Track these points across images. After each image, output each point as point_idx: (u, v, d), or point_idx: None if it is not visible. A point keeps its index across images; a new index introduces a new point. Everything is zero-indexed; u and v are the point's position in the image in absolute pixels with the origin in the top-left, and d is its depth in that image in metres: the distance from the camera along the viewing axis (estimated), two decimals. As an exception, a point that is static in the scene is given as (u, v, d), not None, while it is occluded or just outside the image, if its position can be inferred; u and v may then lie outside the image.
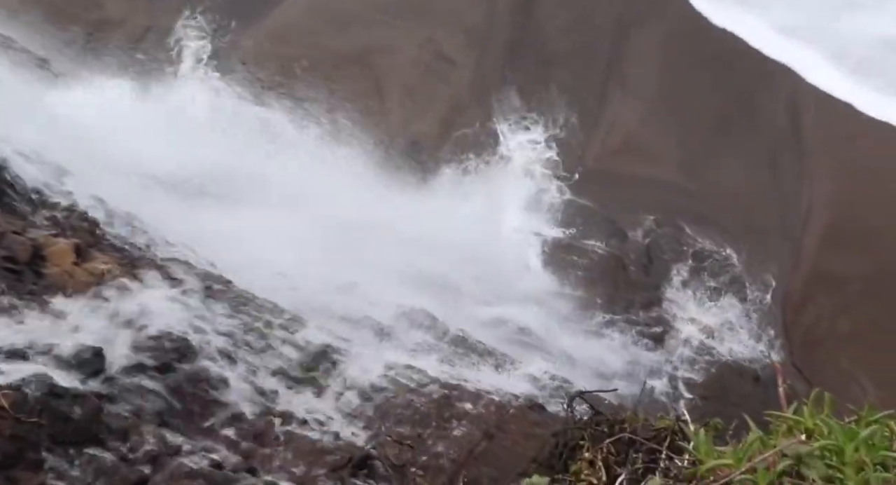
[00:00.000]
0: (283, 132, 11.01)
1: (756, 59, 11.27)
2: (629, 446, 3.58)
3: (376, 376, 5.18)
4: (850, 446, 2.41)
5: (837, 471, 2.37)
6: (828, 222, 9.41)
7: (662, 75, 11.41)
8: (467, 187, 10.90)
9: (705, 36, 11.67)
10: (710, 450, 2.67)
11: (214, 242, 7.19)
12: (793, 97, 10.66)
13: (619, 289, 9.49)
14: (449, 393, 4.90)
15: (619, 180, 10.75)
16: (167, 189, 8.25)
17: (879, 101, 10.41)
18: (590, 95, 11.52)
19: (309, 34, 12.62)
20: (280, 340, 5.51)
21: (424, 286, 8.22)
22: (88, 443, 3.72)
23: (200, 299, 5.36)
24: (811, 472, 2.38)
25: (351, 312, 6.81)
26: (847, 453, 2.39)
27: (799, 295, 8.99)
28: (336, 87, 12.06)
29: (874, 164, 9.79)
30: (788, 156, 10.24)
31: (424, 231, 9.55)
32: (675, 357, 8.72)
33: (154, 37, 13.33)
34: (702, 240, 9.88)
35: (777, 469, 2.38)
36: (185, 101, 11.46)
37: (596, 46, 11.89)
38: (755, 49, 11.32)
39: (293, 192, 9.42)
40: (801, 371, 8.40)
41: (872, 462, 2.35)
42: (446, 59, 12.24)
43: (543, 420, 4.62)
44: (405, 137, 11.55)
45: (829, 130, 10.18)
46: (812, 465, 2.40)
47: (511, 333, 8.18)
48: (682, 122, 10.92)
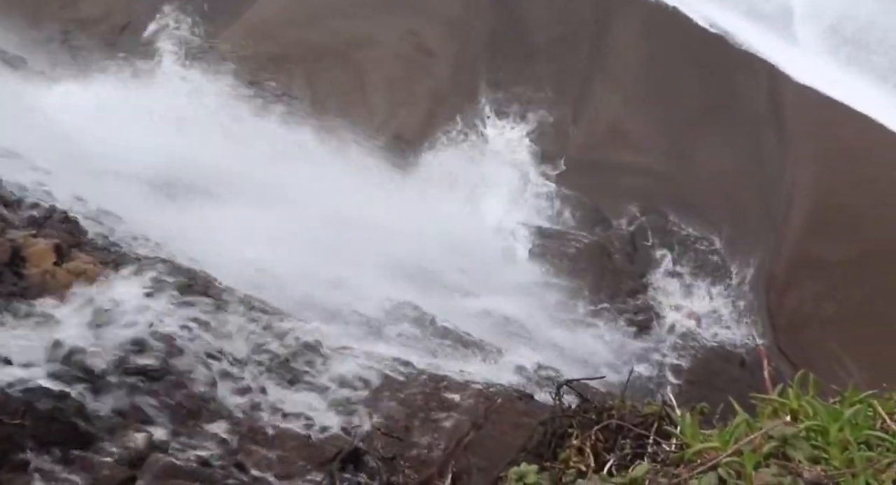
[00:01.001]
0: (265, 128, 10.95)
1: (735, 45, 11.31)
2: (617, 433, 3.60)
3: (364, 369, 5.17)
4: (834, 426, 2.43)
5: (823, 451, 2.39)
6: (810, 207, 9.49)
7: (644, 63, 11.44)
8: (451, 179, 10.88)
9: (686, 23, 11.70)
10: (696, 434, 2.69)
11: (198, 239, 7.15)
12: (773, 83, 10.72)
13: (605, 277, 9.52)
14: (436, 385, 4.91)
15: (603, 169, 10.78)
16: (149, 187, 8.19)
17: (859, 88, 10.48)
18: (572, 85, 11.53)
19: (289, 29, 12.54)
20: (266, 335, 5.49)
21: (410, 279, 8.21)
22: (74, 443, 3.69)
23: (184, 297, 5.32)
24: (797, 453, 2.39)
25: (337, 307, 6.79)
26: (832, 433, 2.42)
27: (783, 279, 9.06)
28: (317, 81, 12.00)
29: (856, 148, 9.87)
30: (771, 141, 10.30)
31: (409, 224, 9.54)
32: (661, 344, 8.78)
33: (132, 34, 13.21)
34: (686, 227, 9.93)
35: (763, 451, 2.39)
36: (166, 97, 11.37)
37: (578, 36, 11.90)
38: (733, 35, 11.37)
39: (276, 187, 9.37)
40: (786, 354, 8.48)
41: (856, 441, 2.37)
42: (428, 52, 12.20)
43: (531, 409, 4.63)
44: (388, 130, 11.52)
45: (810, 115, 10.24)
46: (798, 446, 2.42)
47: (498, 323, 8.19)
48: (665, 109, 10.97)
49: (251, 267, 7.00)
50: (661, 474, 2.57)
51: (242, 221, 8.20)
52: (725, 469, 2.35)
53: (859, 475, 2.17)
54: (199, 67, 12.19)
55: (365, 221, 9.23)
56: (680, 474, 2.47)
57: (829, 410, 2.51)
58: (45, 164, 7.11)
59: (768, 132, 10.36)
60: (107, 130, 9.27)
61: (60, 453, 3.56)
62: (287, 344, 5.46)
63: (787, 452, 2.39)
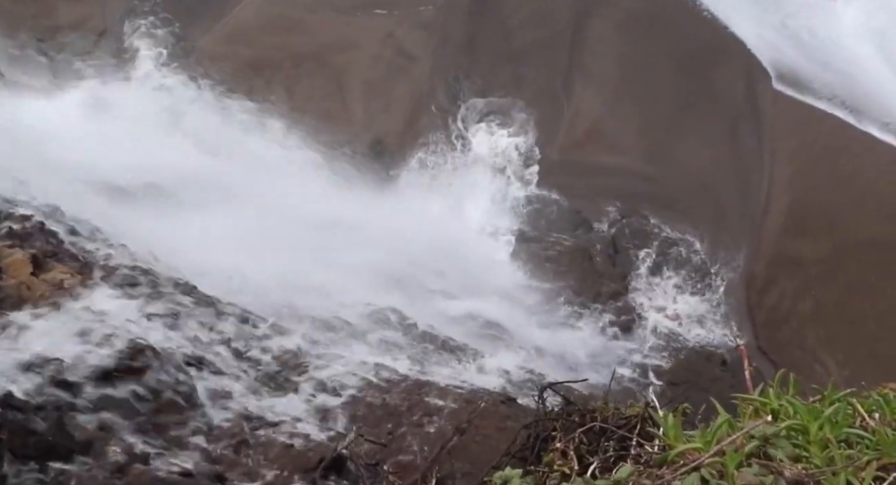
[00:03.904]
0: (245, 134, 10.90)
1: (713, 42, 11.39)
2: (601, 435, 3.60)
3: (346, 375, 5.15)
4: (814, 424, 2.45)
5: (803, 450, 2.41)
6: (788, 206, 9.56)
7: (623, 65, 11.49)
8: (432, 183, 10.89)
9: (663, 22, 11.77)
10: (678, 435, 2.70)
11: (177, 247, 7.09)
12: (750, 82, 10.81)
13: (587, 280, 9.55)
14: (420, 390, 4.89)
15: (584, 171, 10.81)
16: (127, 195, 8.11)
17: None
18: (552, 87, 11.56)
19: (266, 34, 12.50)
20: (247, 343, 5.46)
21: (392, 284, 8.20)
22: (52, 456, 3.64)
23: (164, 306, 5.28)
24: (778, 452, 2.41)
25: (319, 313, 6.76)
26: (812, 431, 2.43)
27: (762, 278, 9.13)
28: (297, 86, 11.96)
29: (831, 147, 9.97)
30: (749, 140, 10.38)
31: (391, 229, 9.53)
32: (643, 345, 8.81)
33: (108, 41, 13.10)
34: (666, 227, 9.98)
35: (745, 451, 2.40)
36: (143, 105, 11.29)
37: (556, 39, 11.93)
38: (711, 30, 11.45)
39: (257, 194, 9.33)
40: (767, 353, 8.54)
41: (836, 439, 2.38)
42: (408, 55, 12.19)
43: (515, 413, 4.63)
44: (369, 135, 11.50)
45: (787, 114, 10.34)
46: (779, 445, 2.43)
47: (480, 327, 8.19)
48: (644, 110, 11.03)
49: (231, 274, 6.95)
50: (645, 475, 2.57)
51: (223, 228, 8.15)
52: (708, 470, 2.36)
53: (840, 473, 2.18)
54: (177, 74, 12.12)
55: (346, 225, 9.20)
56: (663, 475, 2.47)
57: (809, 409, 2.53)
58: (21, 173, 7.03)
59: (746, 131, 10.44)
60: (84, 138, 9.20)
61: (38, 467, 3.50)
62: (269, 351, 5.43)
63: (768, 451, 2.40)
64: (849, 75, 10.73)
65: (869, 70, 10.85)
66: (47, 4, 12.94)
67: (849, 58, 11.08)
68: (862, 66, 10.90)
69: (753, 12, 11.74)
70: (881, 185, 9.33)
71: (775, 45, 11.21)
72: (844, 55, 11.13)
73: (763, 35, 11.33)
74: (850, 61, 11.01)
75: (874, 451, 2.27)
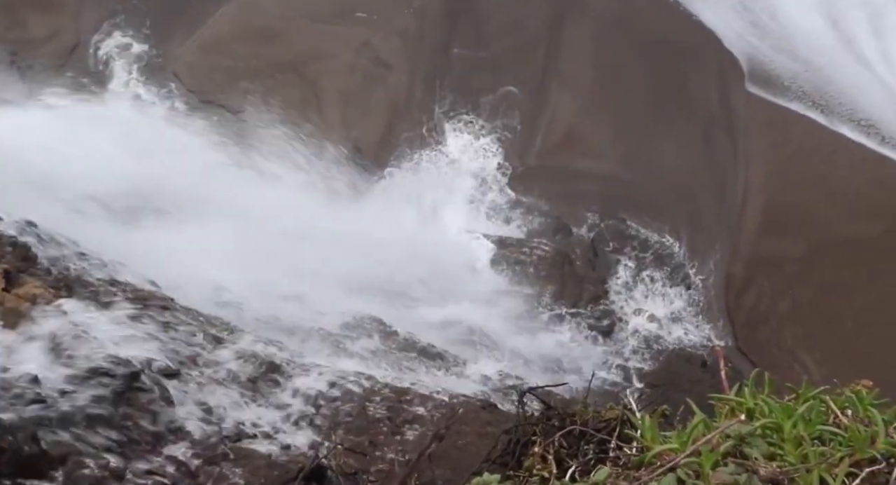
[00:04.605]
0: (221, 144, 10.84)
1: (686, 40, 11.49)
2: (580, 439, 3.60)
3: (326, 384, 5.11)
4: (788, 422, 2.46)
5: (778, 448, 2.42)
6: (763, 206, 9.65)
7: (598, 67, 11.57)
8: (411, 191, 10.88)
9: (637, 26, 11.86)
10: (655, 436, 2.70)
11: (154, 259, 7.03)
12: (723, 83, 10.91)
13: (567, 284, 9.57)
14: (400, 397, 4.88)
15: (562, 176, 10.86)
16: (102, 209, 8.04)
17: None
18: (528, 93, 11.60)
19: (242, 44, 12.45)
20: (225, 354, 5.41)
21: (372, 292, 8.18)
22: (27, 474, 3.58)
23: (140, 319, 5.23)
24: (753, 450, 2.42)
25: (298, 322, 6.73)
26: (786, 429, 2.45)
27: (740, 279, 9.20)
28: (273, 96, 11.92)
29: (804, 147, 10.08)
30: (723, 141, 10.48)
31: (370, 237, 9.51)
32: (624, 348, 8.85)
33: (82, 54, 13.00)
34: (644, 230, 10.04)
35: (720, 450, 2.41)
36: (118, 117, 11.21)
37: (532, 44, 11.99)
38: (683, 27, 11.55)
39: (234, 205, 9.28)
40: (747, 354, 8.61)
41: (810, 437, 2.40)
42: (384, 64, 12.20)
43: (495, 419, 4.62)
44: (346, 143, 11.48)
45: (760, 115, 10.44)
46: (754, 443, 2.45)
47: (461, 333, 8.19)
48: (620, 113, 11.10)
49: (209, 286, 6.90)
50: (622, 477, 2.58)
51: (199, 239, 8.09)
52: (684, 470, 2.36)
53: (813, 470, 2.20)
54: (152, 86, 12.05)
55: (324, 235, 9.18)
56: (640, 476, 2.48)
57: (783, 407, 2.54)
58: (-7, 188, 6.95)
59: (720, 133, 10.54)
60: (57, 151, 9.10)
61: (10, 484, 3.45)
62: (247, 362, 5.39)
63: (743, 450, 2.42)
64: (816, 68, 10.87)
65: (834, 60, 11.00)
66: (19, 18, 12.82)
67: (811, 43, 11.22)
68: (826, 55, 11.05)
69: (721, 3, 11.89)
70: (854, 184, 9.45)
71: (742, 35, 11.34)
72: (806, 40, 11.26)
73: (732, 25, 11.46)
74: (812, 48, 11.15)
75: (847, 447, 2.29)
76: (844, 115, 10.21)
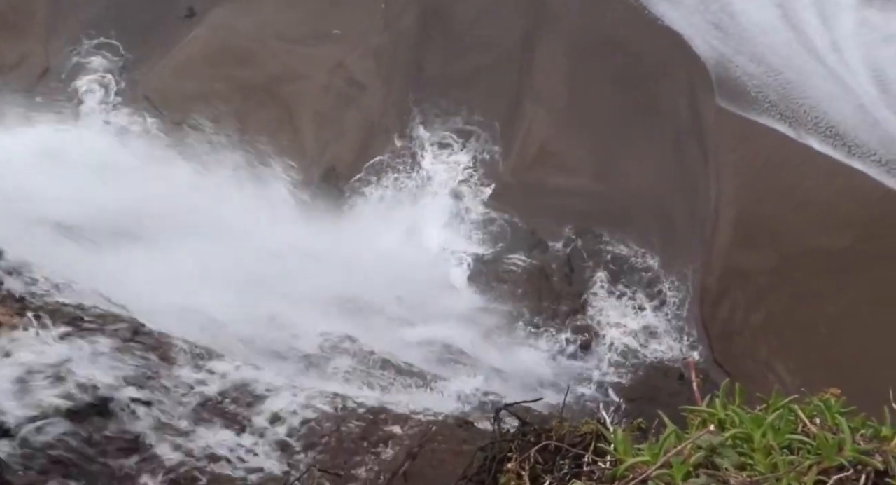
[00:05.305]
0: (194, 167, 10.79)
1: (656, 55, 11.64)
2: (555, 454, 3.59)
3: (301, 406, 5.06)
4: (758, 432, 2.47)
5: (748, 458, 2.43)
6: (735, 218, 9.75)
7: (571, 82, 11.66)
8: (387, 210, 10.88)
9: (608, 41, 12.00)
10: (628, 449, 2.70)
11: (126, 284, 6.95)
12: (693, 96, 11.04)
13: (544, 300, 9.59)
14: (375, 417, 4.84)
15: (537, 191, 10.90)
16: (73, 234, 7.95)
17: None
18: (503, 111, 11.67)
19: (214, 67, 12.43)
20: (198, 378, 5.34)
21: (348, 312, 8.13)
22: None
23: (111, 344, 5.16)
24: (724, 461, 2.43)
25: (273, 344, 6.67)
26: (756, 439, 2.45)
27: (714, 291, 9.27)
28: (247, 118, 11.90)
29: (774, 159, 10.21)
30: (694, 155, 10.58)
31: (346, 257, 9.48)
32: (602, 362, 8.86)
33: (53, 78, 12.91)
34: (619, 244, 10.09)
35: (691, 461, 2.42)
36: (89, 142, 11.13)
37: (505, 61, 12.08)
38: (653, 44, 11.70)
39: (208, 227, 9.22)
40: (723, 365, 8.65)
41: (780, 446, 2.41)
42: (357, 84, 12.23)
43: (472, 436, 4.59)
44: (321, 164, 11.47)
45: (730, 127, 10.57)
46: (725, 454, 2.45)
47: (438, 351, 8.16)
48: (593, 128, 11.18)
49: (181, 308, 6.83)
50: (595, 491, 2.57)
51: (173, 262, 8.02)
52: (655, 482, 2.36)
53: (783, 479, 2.20)
54: (123, 110, 11.98)
55: (301, 255, 9.13)
56: (612, 490, 2.47)
57: (752, 417, 2.55)
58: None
59: (691, 146, 10.65)
60: (27, 176, 9.01)
61: (-24, 518, 3.37)
62: (221, 386, 5.33)
63: (714, 460, 2.42)
64: (776, 71, 11.03)
65: (791, 59, 11.18)
66: (-13, 44, 12.73)
67: (769, 42, 11.40)
68: (783, 54, 11.22)
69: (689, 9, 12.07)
70: (822, 195, 9.58)
71: (707, 39, 11.51)
72: (764, 39, 11.44)
73: (698, 30, 11.63)
74: (771, 47, 11.32)
75: (815, 455, 2.30)
76: (810, 126, 10.36)
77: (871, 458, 2.26)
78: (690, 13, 11.94)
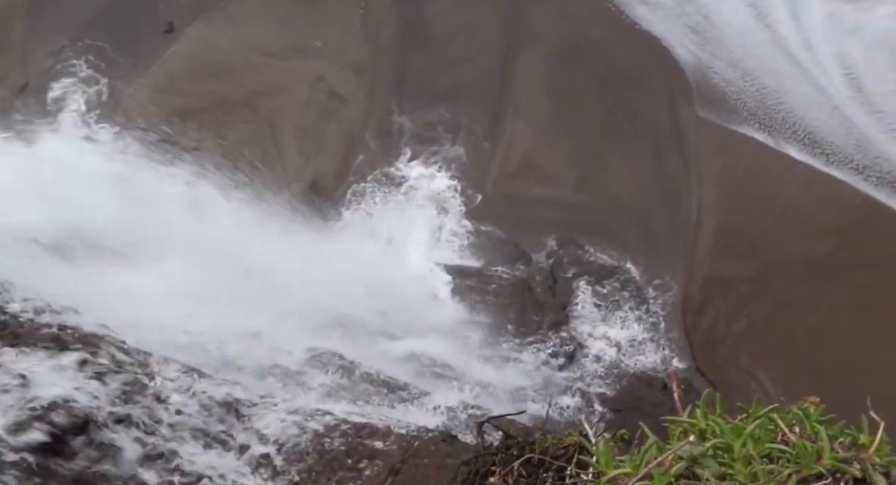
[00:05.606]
0: (175, 183, 10.73)
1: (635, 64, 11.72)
2: (539, 467, 3.59)
3: (284, 424, 5.02)
4: (738, 442, 2.48)
5: (729, 467, 2.44)
6: (716, 227, 9.81)
7: (552, 94, 11.72)
8: (370, 223, 10.87)
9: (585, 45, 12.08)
10: (609, 461, 2.70)
11: (105, 302, 6.89)
12: (673, 106, 11.12)
13: (528, 312, 9.59)
14: (359, 433, 4.81)
15: (520, 203, 10.93)
16: (50, 252, 7.87)
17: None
18: (484, 123, 11.71)
19: (194, 82, 12.40)
20: (180, 397, 5.29)
21: (332, 327, 8.10)
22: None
23: (89, 364, 5.10)
24: (705, 471, 2.43)
25: (256, 361, 6.62)
26: (736, 449, 2.46)
27: (696, 300, 9.30)
28: (227, 133, 11.87)
29: (753, 168, 10.30)
30: (675, 164, 10.65)
31: (329, 272, 9.45)
32: (586, 374, 8.86)
33: (31, 94, 12.84)
34: (602, 255, 10.12)
35: (672, 472, 2.42)
36: (68, 158, 11.04)
37: (486, 73, 12.13)
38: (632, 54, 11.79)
39: (190, 243, 9.16)
40: (706, 375, 8.68)
41: (759, 455, 2.42)
42: (339, 98, 12.23)
43: (455, 450, 4.58)
44: (303, 178, 11.45)
45: (710, 136, 10.65)
46: (705, 464, 2.46)
47: (423, 365, 8.14)
48: (574, 139, 11.24)
49: (162, 326, 6.77)
50: (577, 504, 2.57)
51: (154, 279, 7.95)
52: (637, 494, 2.36)
53: (762, 488, 2.21)
54: (104, 126, 11.92)
55: (283, 270, 9.09)
56: (594, 503, 2.47)
57: (732, 427, 2.56)
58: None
59: (672, 156, 10.71)
60: (6, 193, 8.92)
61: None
62: (203, 404, 5.28)
63: (695, 471, 2.43)
64: (753, 76, 11.14)
65: (765, 61, 11.30)
66: (-35, 61, 12.65)
67: (744, 44, 11.51)
68: (757, 56, 11.34)
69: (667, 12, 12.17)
70: (801, 204, 9.67)
71: (684, 43, 11.61)
72: (740, 41, 11.56)
73: (675, 35, 11.73)
74: (747, 50, 11.43)
75: (795, 464, 2.31)
76: (788, 134, 10.46)
77: (850, 466, 2.27)
78: (668, 17, 12.03)
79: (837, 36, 11.42)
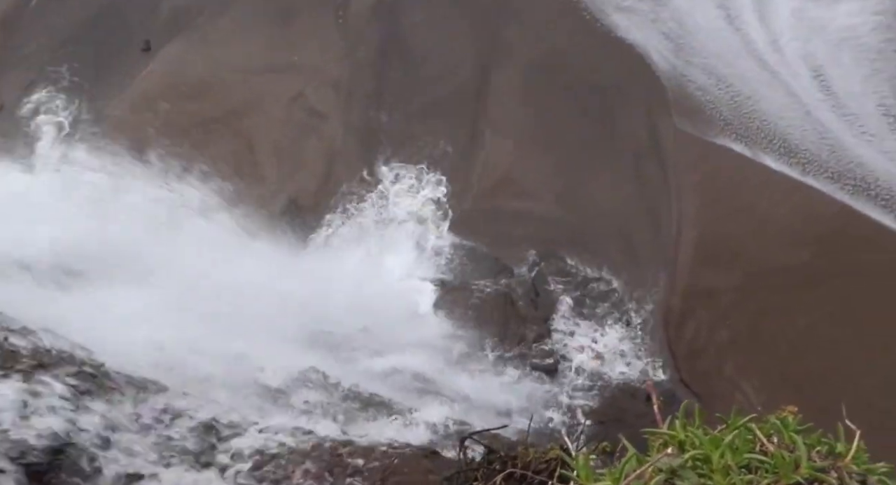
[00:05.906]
0: (154, 203, 10.67)
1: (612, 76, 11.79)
2: (521, 482, 3.58)
3: (265, 443, 4.98)
4: (716, 453, 2.48)
5: (708, 478, 2.43)
6: (696, 238, 9.85)
7: (529, 109, 11.77)
8: (350, 239, 10.84)
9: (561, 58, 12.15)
10: (589, 474, 2.70)
11: (84, 324, 6.80)
12: (652, 118, 11.19)
13: (510, 325, 9.58)
14: (341, 451, 4.77)
15: (500, 217, 10.94)
16: (29, 274, 7.78)
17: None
18: (463, 138, 11.73)
19: (172, 101, 12.37)
20: (160, 419, 5.23)
21: (313, 344, 8.05)
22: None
23: (69, 387, 5.03)
24: (684, 483, 2.43)
25: (237, 380, 6.57)
26: (714, 460, 2.46)
27: (678, 311, 9.33)
28: (207, 152, 11.83)
29: (733, 179, 10.37)
30: (654, 176, 10.70)
31: (310, 288, 9.40)
32: (569, 386, 8.86)
33: (8, 117, 12.76)
34: (583, 268, 10.14)
35: (651, 484, 2.42)
36: (46, 178, 10.97)
37: (464, 89, 12.17)
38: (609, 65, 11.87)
39: (169, 264, 9.08)
40: (689, 385, 8.69)
41: (738, 465, 2.42)
42: (318, 114, 12.23)
43: (437, 466, 4.55)
44: (283, 195, 11.41)
45: (689, 148, 10.72)
46: (685, 476, 2.46)
47: (406, 381, 8.10)
48: (553, 152, 11.27)
49: (143, 347, 6.70)
50: (558, 519, 2.56)
51: (133, 301, 7.87)
52: (616, 508, 2.36)
53: (741, 499, 2.21)
54: (82, 146, 11.86)
55: (263, 289, 9.03)
56: (574, 517, 2.46)
57: (711, 438, 2.56)
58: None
59: (651, 168, 10.76)
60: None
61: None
62: (184, 425, 5.22)
63: (675, 483, 2.43)
64: (727, 84, 11.23)
65: (737, 65, 11.41)
66: (-60, 82, 12.55)
67: (718, 49, 11.63)
68: (729, 59, 11.45)
69: (642, 18, 12.26)
70: (779, 213, 9.73)
71: (660, 50, 11.70)
72: (713, 46, 11.66)
73: (651, 42, 11.82)
74: (719, 56, 11.54)
75: (773, 474, 2.31)
76: (764, 144, 10.54)
77: (827, 475, 2.28)
78: (643, 23, 12.12)
79: (803, 35, 11.51)
